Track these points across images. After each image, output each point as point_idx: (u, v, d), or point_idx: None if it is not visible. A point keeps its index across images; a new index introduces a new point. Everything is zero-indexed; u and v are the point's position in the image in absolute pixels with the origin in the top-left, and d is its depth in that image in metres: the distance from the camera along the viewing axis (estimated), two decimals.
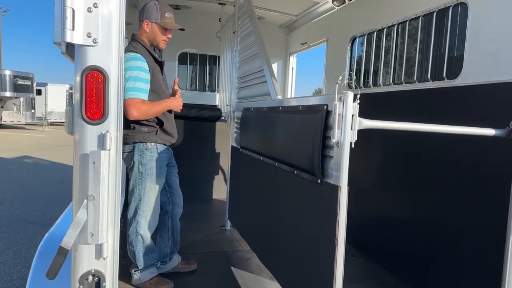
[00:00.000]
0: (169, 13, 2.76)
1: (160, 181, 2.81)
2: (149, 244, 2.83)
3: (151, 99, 2.68)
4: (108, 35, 1.41)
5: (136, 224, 2.76)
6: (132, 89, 2.54)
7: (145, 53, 2.68)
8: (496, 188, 2.26)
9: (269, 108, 2.88)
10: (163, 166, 2.82)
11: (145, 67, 2.62)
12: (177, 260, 3.13)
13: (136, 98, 2.55)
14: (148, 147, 2.72)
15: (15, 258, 4.30)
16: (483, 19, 2.49)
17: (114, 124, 1.45)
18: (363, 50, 3.93)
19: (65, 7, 1.34)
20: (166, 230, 3.06)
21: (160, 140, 2.77)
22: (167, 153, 2.87)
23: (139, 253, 2.79)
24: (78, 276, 1.48)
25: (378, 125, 1.90)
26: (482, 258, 2.41)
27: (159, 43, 2.78)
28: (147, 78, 2.64)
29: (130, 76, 2.54)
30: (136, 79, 2.56)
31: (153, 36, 2.76)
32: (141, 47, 2.71)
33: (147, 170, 2.71)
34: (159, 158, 2.76)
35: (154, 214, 2.81)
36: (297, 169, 2.28)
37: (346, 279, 3.08)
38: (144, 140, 2.71)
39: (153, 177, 2.73)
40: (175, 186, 3.06)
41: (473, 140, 2.35)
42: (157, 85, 2.73)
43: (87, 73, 1.40)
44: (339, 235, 1.82)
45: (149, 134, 2.72)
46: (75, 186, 1.44)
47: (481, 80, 2.47)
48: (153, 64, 2.72)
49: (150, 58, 2.70)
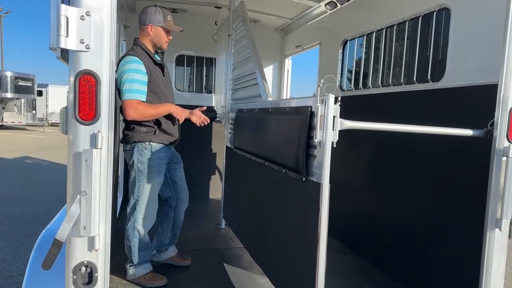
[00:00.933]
0: (170, 16, 2.91)
1: (158, 179, 2.91)
2: (145, 240, 2.94)
3: (150, 100, 2.79)
4: (100, 41, 1.51)
5: (134, 220, 2.87)
6: (129, 90, 2.67)
7: (144, 56, 2.80)
8: (474, 186, 2.36)
9: (260, 109, 2.98)
10: (162, 165, 2.92)
11: (141, 69, 2.72)
12: (173, 252, 3.27)
13: (133, 99, 2.67)
14: (146, 146, 2.83)
15: (15, 255, 4.40)
16: (465, 24, 2.59)
17: (105, 125, 1.55)
18: (354, 53, 4.03)
19: (60, 15, 1.44)
20: (167, 222, 3.19)
21: (158, 140, 2.87)
22: (167, 152, 2.96)
23: (135, 248, 2.90)
24: (72, 267, 1.58)
25: (358, 126, 2.00)
26: (461, 253, 2.51)
27: (163, 44, 2.91)
28: (144, 79, 2.74)
29: (127, 78, 2.66)
30: (132, 81, 2.68)
31: (157, 39, 2.88)
32: (141, 50, 2.83)
33: (145, 168, 2.82)
34: (157, 157, 2.87)
35: (151, 210, 2.91)
36: (284, 168, 2.37)
37: (334, 275, 3.19)
38: (143, 140, 2.82)
39: (151, 174, 2.84)
40: (180, 181, 3.17)
41: (454, 140, 2.45)
42: (156, 86, 2.84)
43: (80, 76, 1.50)
44: (321, 230, 1.92)
45: (147, 134, 2.83)
46: (69, 182, 1.54)
47: (463, 82, 2.56)
48: (152, 66, 2.83)
49: (149, 61, 2.82)
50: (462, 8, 2.61)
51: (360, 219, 3.68)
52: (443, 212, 2.69)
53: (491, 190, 2.13)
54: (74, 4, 1.47)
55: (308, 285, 1.99)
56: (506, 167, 2.09)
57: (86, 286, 1.60)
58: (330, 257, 3.52)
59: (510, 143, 2.12)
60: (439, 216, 2.72)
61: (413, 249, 2.97)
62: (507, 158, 2.09)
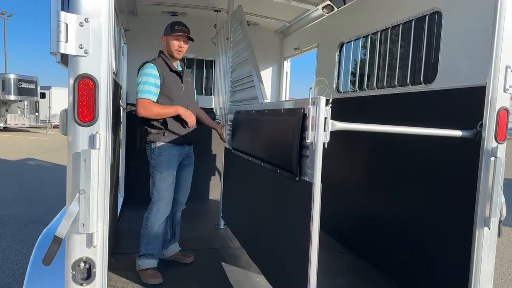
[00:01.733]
0: (179, 26, 3.16)
1: (169, 174, 3.14)
2: (153, 233, 3.12)
3: (162, 102, 3.10)
4: (98, 47, 1.58)
5: (149, 211, 3.13)
6: (141, 91, 3.02)
7: (161, 63, 3.15)
8: (464, 185, 2.41)
9: (256, 111, 3.05)
10: (172, 161, 3.16)
11: (154, 73, 3.06)
12: (176, 249, 3.43)
13: (144, 99, 3.01)
14: (157, 146, 3.12)
15: (17, 255, 4.47)
16: (456, 27, 2.64)
17: (103, 126, 1.62)
18: (350, 55, 4.09)
19: (59, 22, 1.51)
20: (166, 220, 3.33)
21: (167, 140, 3.13)
22: (178, 151, 3.19)
23: (144, 238, 3.13)
24: (71, 262, 1.64)
25: (349, 127, 2.05)
26: (452, 250, 2.56)
27: (173, 52, 3.17)
28: (156, 83, 3.07)
29: (141, 80, 3.04)
30: (145, 83, 3.03)
31: (168, 47, 3.18)
32: (160, 59, 3.19)
33: (157, 165, 3.11)
34: (167, 154, 3.12)
35: (164, 205, 3.14)
36: (279, 168, 2.43)
37: (329, 274, 3.25)
38: (153, 140, 3.14)
39: (162, 169, 3.11)
40: (182, 184, 3.36)
41: (445, 141, 2.51)
42: (169, 90, 3.13)
43: (79, 80, 1.57)
44: (313, 228, 1.97)
45: (157, 135, 3.13)
46: (68, 181, 1.60)
47: (454, 84, 2.62)
48: (168, 73, 3.16)
49: (164, 67, 3.15)
50: (453, 12, 2.67)
51: (355, 218, 3.73)
52: (433, 211, 2.75)
53: (480, 189, 2.18)
54: (73, 11, 1.54)
55: (301, 282, 2.04)
56: (494, 167, 2.14)
57: (85, 281, 1.66)
58: (327, 257, 3.61)
59: (498, 143, 2.18)
60: (430, 215, 2.78)
61: (404, 248, 3.03)
62: (495, 158, 2.15)
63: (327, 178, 4.14)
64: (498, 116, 2.17)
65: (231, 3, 4.20)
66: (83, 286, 1.66)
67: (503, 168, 2.14)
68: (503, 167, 2.14)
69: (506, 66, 2.12)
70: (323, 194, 2.00)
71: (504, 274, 4.43)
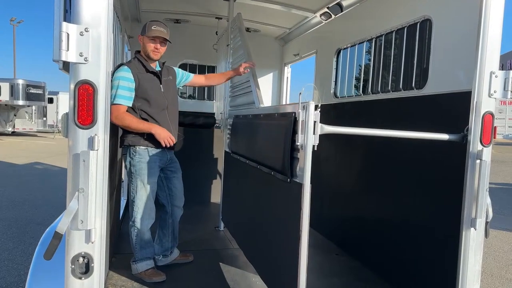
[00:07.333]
0: (156, 26, 2.98)
1: (151, 181, 3.05)
2: (145, 238, 3.11)
3: (139, 106, 2.95)
4: (97, 54, 1.69)
5: (133, 219, 3.06)
6: (114, 95, 2.82)
7: (136, 65, 2.98)
8: (452, 187, 2.48)
9: (253, 115, 3.14)
10: (154, 167, 3.05)
11: (129, 76, 2.89)
12: (177, 253, 3.47)
13: (117, 104, 2.82)
14: (137, 150, 2.97)
15: (23, 256, 4.59)
16: (445, 34, 2.73)
17: (102, 129, 1.73)
18: (347, 61, 4.18)
19: (61, 31, 1.63)
20: (167, 228, 3.36)
21: (148, 144, 2.98)
22: (160, 156, 3.08)
23: (136, 245, 3.10)
24: (71, 257, 1.74)
25: (338, 131, 2.14)
26: (440, 251, 2.63)
27: (149, 53, 3.01)
28: (130, 86, 2.89)
29: (114, 84, 2.82)
30: (118, 87, 2.84)
31: (144, 48, 3.02)
32: (135, 60, 3.02)
33: (137, 170, 2.98)
34: (149, 160, 3.00)
35: (147, 210, 3.06)
36: (273, 170, 2.52)
37: (324, 274, 3.32)
38: (133, 144, 2.97)
39: (143, 177, 3.00)
40: (175, 190, 3.30)
41: (433, 144, 2.58)
42: (146, 93, 2.95)
43: (79, 85, 1.68)
44: (303, 227, 2.05)
45: (137, 138, 2.96)
46: (68, 180, 1.71)
47: (444, 89, 2.70)
48: (144, 74, 2.98)
49: (140, 69, 2.97)
50: (442, 19, 2.76)
51: (349, 220, 3.80)
52: (423, 213, 2.82)
53: (466, 191, 2.25)
54: (74, 22, 1.66)
55: (292, 281, 2.12)
56: (479, 170, 2.21)
57: (84, 275, 1.76)
58: (324, 258, 3.67)
59: (483, 147, 2.25)
60: (419, 217, 2.85)
61: (395, 248, 3.09)
62: (480, 161, 2.22)
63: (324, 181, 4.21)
64: (483, 120, 2.24)
65: (232, 11, 4.32)
66: (82, 280, 1.76)
67: (488, 170, 2.21)
68: (488, 170, 2.20)
69: (491, 72, 2.19)
70: (322, 196, 2.08)
71: (501, 277, 4.45)
